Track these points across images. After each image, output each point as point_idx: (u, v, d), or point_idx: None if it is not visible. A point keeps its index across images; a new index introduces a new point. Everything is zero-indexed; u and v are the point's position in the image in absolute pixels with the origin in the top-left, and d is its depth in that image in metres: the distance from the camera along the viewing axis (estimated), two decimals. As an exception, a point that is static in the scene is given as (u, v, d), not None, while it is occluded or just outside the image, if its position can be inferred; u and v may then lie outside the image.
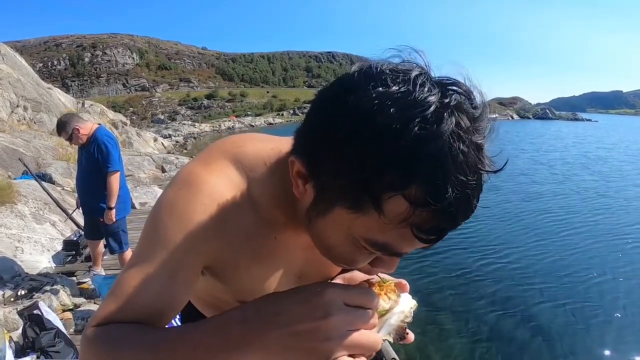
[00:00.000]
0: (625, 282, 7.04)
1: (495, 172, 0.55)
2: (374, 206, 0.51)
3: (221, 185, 0.71)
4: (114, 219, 4.09)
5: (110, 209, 4.00)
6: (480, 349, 5.24)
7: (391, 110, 0.49)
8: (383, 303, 0.66)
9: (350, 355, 0.56)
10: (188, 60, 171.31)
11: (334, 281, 0.79)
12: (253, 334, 0.57)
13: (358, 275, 0.78)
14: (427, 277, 7.11)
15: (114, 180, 3.96)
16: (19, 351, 3.06)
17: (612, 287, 6.90)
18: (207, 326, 0.61)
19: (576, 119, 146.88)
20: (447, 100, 0.51)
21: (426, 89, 0.51)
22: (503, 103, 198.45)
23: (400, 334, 0.66)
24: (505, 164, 0.56)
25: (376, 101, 0.50)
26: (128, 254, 4.41)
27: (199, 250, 0.69)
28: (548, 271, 7.47)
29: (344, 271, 0.83)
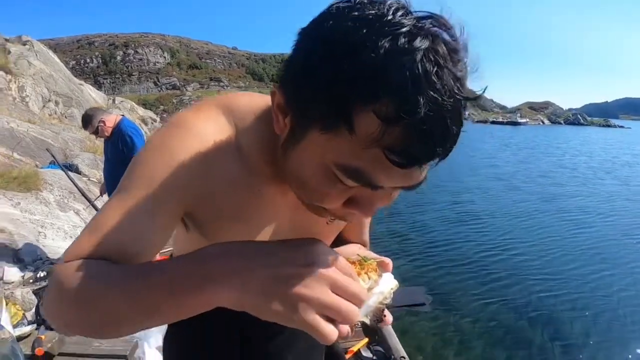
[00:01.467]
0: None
1: (474, 99, 0.54)
2: (345, 124, 0.50)
3: (209, 129, 0.72)
4: None
5: None
6: (494, 350, 5.15)
7: (364, 30, 0.49)
8: (362, 283, 0.62)
9: (324, 317, 0.51)
10: (218, 59, 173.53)
11: None
12: (235, 268, 0.52)
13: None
14: (442, 277, 7.04)
15: None
16: (40, 325, 3.16)
17: (634, 292, 6.74)
18: (187, 256, 0.56)
19: (608, 126, 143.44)
20: (422, 25, 0.50)
21: (400, 14, 0.51)
22: (534, 107, 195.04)
23: (377, 316, 0.62)
24: (485, 89, 0.54)
25: (350, 23, 0.50)
26: None
27: (182, 189, 0.68)
28: (565, 273, 7.35)
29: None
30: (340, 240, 1.04)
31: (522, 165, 23.37)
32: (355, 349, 3.45)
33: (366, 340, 3.59)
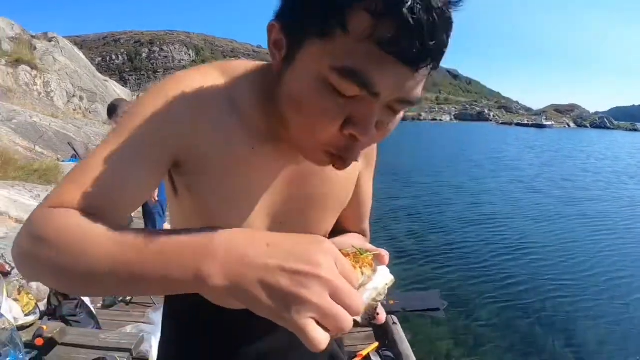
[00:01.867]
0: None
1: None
2: (338, 25, 0.52)
3: (204, 82, 0.72)
4: (156, 198, 4.21)
5: None
6: (510, 357, 5.04)
7: None
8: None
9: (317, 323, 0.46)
10: (243, 57, 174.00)
11: None
12: (235, 251, 0.48)
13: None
14: (459, 281, 6.91)
15: None
16: (43, 317, 3.20)
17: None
18: (186, 231, 0.52)
19: (635, 130, 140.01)
20: None
21: None
22: (560, 110, 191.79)
23: (370, 314, 0.57)
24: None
25: None
26: None
27: (170, 134, 0.68)
28: (584, 279, 7.12)
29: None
30: (338, 231, 0.99)
31: (545, 168, 22.96)
32: (364, 353, 3.36)
33: (376, 344, 3.50)
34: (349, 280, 0.50)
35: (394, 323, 3.74)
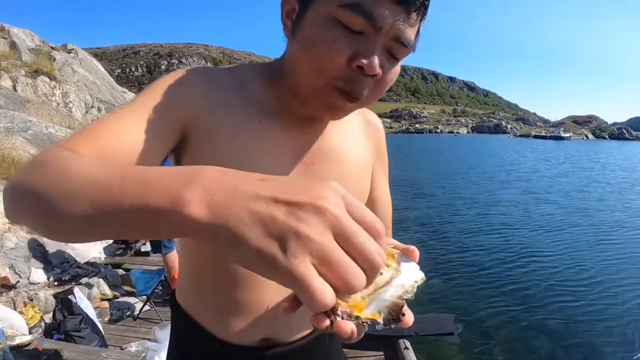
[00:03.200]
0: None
1: None
2: None
3: (215, 68, 0.83)
4: None
5: None
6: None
7: None
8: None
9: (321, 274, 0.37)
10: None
11: None
12: (222, 181, 0.39)
13: None
14: (472, 302, 6.71)
15: None
16: (47, 331, 3.15)
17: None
18: (176, 167, 0.48)
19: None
20: None
21: None
22: (578, 121, 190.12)
23: (393, 314, 0.47)
24: None
25: None
26: (170, 256, 4.47)
27: (181, 96, 0.74)
28: (606, 298, 6.86)
29: None
30: None
31: (562, 181, 22.69)
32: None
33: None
34: (369, 227, 0.39)
35: (406, 348, 3.63)
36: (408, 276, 0.51)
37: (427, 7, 0.67)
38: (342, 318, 0.41)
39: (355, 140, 0.93)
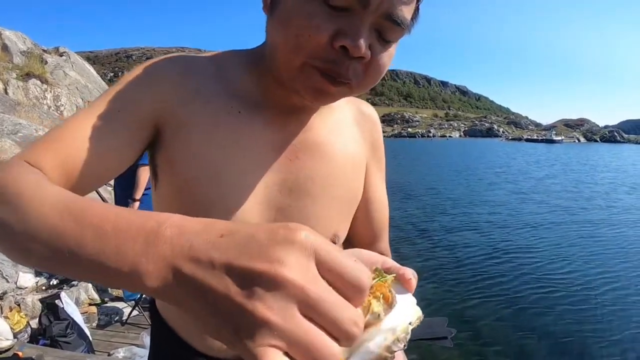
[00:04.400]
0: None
1: None
2: None
3: (194, 56, 0.75)
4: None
5: (135, 200, 3.94)
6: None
7: None
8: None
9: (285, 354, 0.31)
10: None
11: None
12: (178, 243, 0.35)
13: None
14: (465, 305, 6.69)
15: (143, 173, 3.87)
16: (33, 336, 3.12)
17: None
18: (138, 213, 0.41)
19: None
20: None
21: None
22: (569, 125, 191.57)
23: None
24: None
25: None
26: None
27: (150, 90, 0.68)
28: (599, 298, 6.86)
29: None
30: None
31: (556, 185, 22.88)
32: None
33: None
34: (345, 281, 0.34)
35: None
36: (400, 315, 0.41)
37: None
38: None
39: (346, 133, 0.85)
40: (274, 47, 0.66)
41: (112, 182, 8.41)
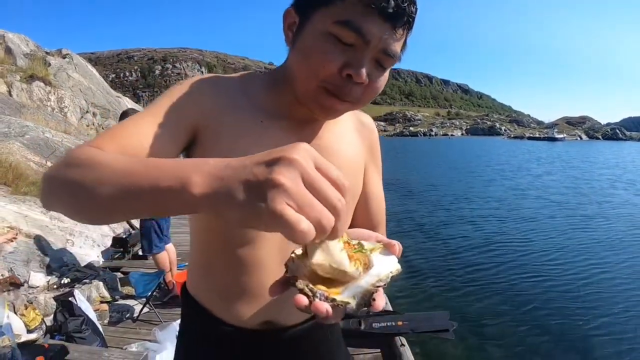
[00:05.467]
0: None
1: None
2: None
3: (222, 77, 0.93)
4: None
5: None
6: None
7: None
8: (352, 266, 0.54)
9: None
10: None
11: None
12: (219, 163, 0.50)
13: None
14: (466, 299, 6.73)
15: None
16: (48, 333, 3.18)
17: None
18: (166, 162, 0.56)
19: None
20: None
21: None
22: (571, 122, 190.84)
23: (365, 299, 0.53)
24: None
25: None
26: (160, 256, 4.50)
27: (192, 101, 0.85)
28: (599, 292, 6.91)
29: None
30: None
31: (557, 181, 22.94)
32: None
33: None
34: (331, 179, 0.47)
35: (402, 345, 3.67)
36: (384, 267, 0.58)
37: (412, 23, 0.77)
38: (320, 299, 0.49)
39: (349, 139, 1.02)
40: (294, 72, 0.82)
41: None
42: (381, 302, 0.55)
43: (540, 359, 5.16)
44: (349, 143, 1.01)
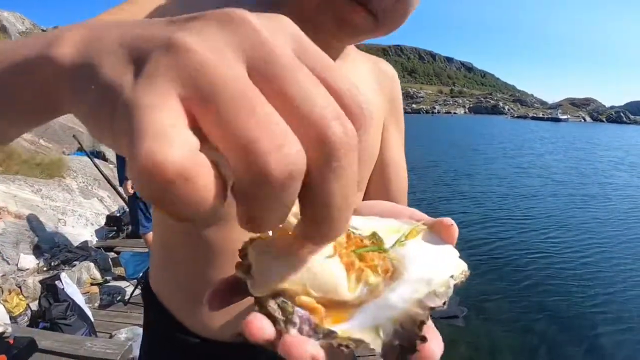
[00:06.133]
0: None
1: None
2: None
3: None
4: (131, 191, 4.02)
5: (127, 179, 3.87)
6: None
7: None
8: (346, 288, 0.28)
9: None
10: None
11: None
12: (98, 24, 0.28)
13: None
14: (476, 285, 6.62)
15: None
16: (33, 319, 3.10)
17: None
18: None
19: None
20: None
21: None
22: (576, 104, 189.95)
23: (405, 336, 0.25)
24: None
25: None
26: (149, 236, 4.39)
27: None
28: (609, 277, 6.86)
29: None
30: None
31: (569, 163, 22.92)
32: None
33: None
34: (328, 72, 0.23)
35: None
36: (437, 267, 0.30)
37: None
38: (299, 329, 0.24)
39: (363, 84, 0.78)
40: None
41: (114, 159, 8.40)
42: (437, 346, 0.26)
43: (547, 345, 5.09)
44: (364, 89, 0.75)
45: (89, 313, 3.38)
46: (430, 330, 0.26)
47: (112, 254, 5.12)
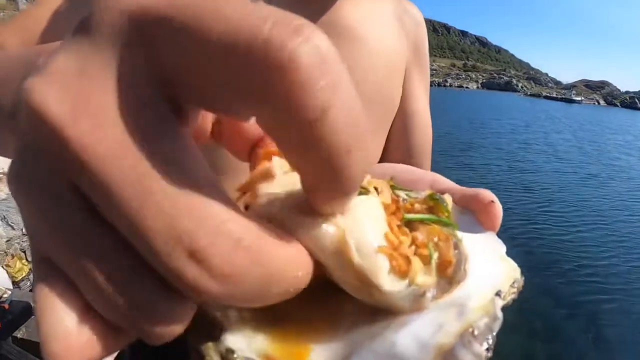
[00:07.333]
0: None
1: None
2: None
3: None
4: None
5: None
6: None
7: None
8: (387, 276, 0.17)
9: None
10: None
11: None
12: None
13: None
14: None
15: None
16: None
17: None
18: None
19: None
20: None
21: None
22: (590, 86, 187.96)
23: None
24: None
25: None
26: None
27: None
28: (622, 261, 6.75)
29: None
30: None
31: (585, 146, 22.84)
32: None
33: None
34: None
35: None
36: (478, 276, 0.20)
37: None
38: None
39: (384, 24, 0.68)
40: None
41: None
42: None
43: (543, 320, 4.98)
44: (385, 29, 0.67)
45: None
46: None
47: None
